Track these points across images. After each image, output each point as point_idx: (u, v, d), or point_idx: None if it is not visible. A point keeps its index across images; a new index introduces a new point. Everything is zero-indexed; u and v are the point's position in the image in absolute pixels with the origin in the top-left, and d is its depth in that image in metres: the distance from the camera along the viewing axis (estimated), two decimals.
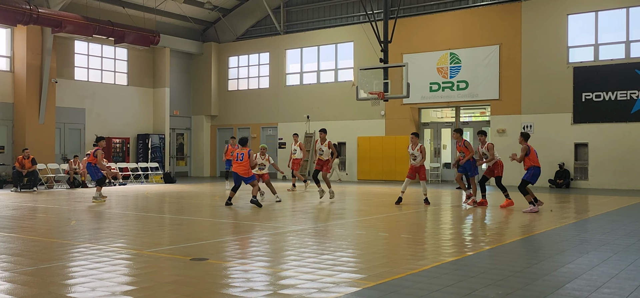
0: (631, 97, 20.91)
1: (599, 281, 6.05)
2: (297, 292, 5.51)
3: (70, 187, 21.52)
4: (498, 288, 5.73)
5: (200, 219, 11.92)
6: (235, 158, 13.87)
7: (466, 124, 25.18)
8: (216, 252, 7.83)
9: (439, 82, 24.46)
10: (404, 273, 6.37)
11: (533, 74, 22.60)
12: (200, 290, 5.61)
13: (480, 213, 12.76)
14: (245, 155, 13.75)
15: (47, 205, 14.75)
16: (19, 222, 11.34)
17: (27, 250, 7.89)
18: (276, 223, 11.11)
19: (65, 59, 25.76)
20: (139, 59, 28.77)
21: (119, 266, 6.78)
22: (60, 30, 22.93)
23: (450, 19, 24.48)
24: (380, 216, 12.50)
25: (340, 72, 27.43)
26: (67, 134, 25.96)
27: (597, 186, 21.33)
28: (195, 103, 31.36)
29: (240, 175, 13.78)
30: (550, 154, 22.18)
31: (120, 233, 9.59)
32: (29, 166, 20.06)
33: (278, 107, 28.94)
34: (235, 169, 13.82)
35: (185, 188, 21.12)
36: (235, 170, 13.83)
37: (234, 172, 13.89)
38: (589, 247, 8.17)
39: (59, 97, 24.99)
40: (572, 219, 11.96)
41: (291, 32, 28.81)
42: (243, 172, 13.76)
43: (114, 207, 14.08)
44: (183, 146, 31.41)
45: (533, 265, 6.89)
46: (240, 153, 13.75)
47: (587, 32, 22.00)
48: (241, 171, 13.75)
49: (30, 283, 5.91)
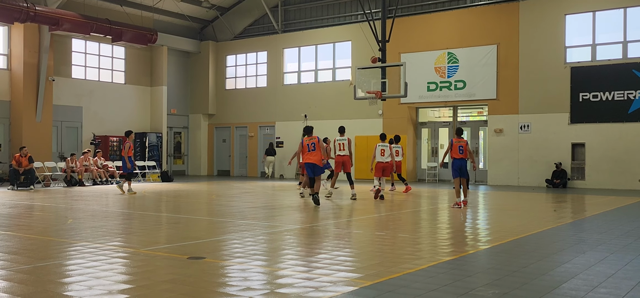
0: (628, 97, 20.95)
1: (596, 281, 6.06)
2: (294, 291, 5.51)
3: (67, 185, 21.48)
4: (495, 287, 5.74)
5: (198, 218, 11.91)
6: (307, 149, 13.61)
7: (464, 124, 25.21)
8: (213, 251, 7.82)
9: (436, 81, 24.48)
10: (400, 272, 6.38)
11: (530, 74, 22.63)
12: (197, 289, 5.60)
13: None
14: (316, 144, 13.58)
15: (44, 203, 14.73)
16: (16, 220, 11.32)
17: (23, 249, 7.88)
18: (273, 221, 11.11)
19: (63, 57, 25.71)
20: (137, 57, 28.74)
21: (115, 264, 6.77)
22: (57, 28, 22.89)
23: (448, 19, 24.50)
24: (377, 215, 12.51)
25: (338, 71, 27.43)
26: (64, 132, 25.92)
27: (594, 186, 21.37)
28: (192, 102, 31.34)
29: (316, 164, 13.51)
30: (548, 154, 22.23)
31: (117, 232, 9.58)
32: (26, 164, 20.02)
33: (276, 106, 28.93)
34: (310, 159, 13.48)
35: (182, 187, 21.10)
36: (310, 160, 13.46)
37: (308, 163, 13.51)
38: (586, 247, 8.19)
39: (56, 95, 24.94)
40: (569, 219, 11.97)
41: (289, 31, 28.81)
42: (317, 160, 13.54)
43: (111, 206, 14.06)
44: (180, 145, 31.38)
45: (530, 264, 6.90)
46: (312, 143, 13.56)
47: (585, 32, 22.04)
48: (316, 160, 13.53)
49: (27, 281, 5.90)
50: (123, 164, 17.73)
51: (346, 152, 16.24)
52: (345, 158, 16.25)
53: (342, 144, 16.28)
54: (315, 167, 13.51)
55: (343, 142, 16.32)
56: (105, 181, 22.54)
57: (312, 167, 13.54)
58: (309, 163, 13.47)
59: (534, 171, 22.50)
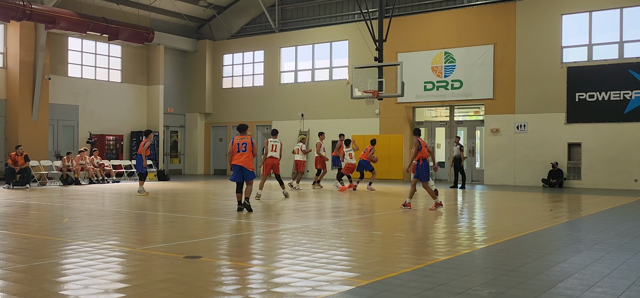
0: (624, 97, 20.99)
1: (592, 280, 6.07)
2: (291, 291, 5.51)
3: (63, 184, 21.44)
4: (491, 287, 5.75)
5: (194, 217, 11.89)
6: (237, 149, 12.11)
7: (460, 123, 25.24)
8: (210, 250, 7.82)
9: (433, 81, 24.50)
10: (397, 271, 6.38)
11: (527, 74, 22.66)
12: (194, 288, 5.60)
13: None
14: (248, 144, 12.12)
15: (40, 202, 14.69)
16: (12, 219, 11.29)
17: (19, 247, 7.86)
18: (270, 221, 11.11)
19: (59, 55, 25.65)
20: (133, 56, 28.69)
21: (112, 263, 6.76)
22: (53, 27, 22.83)
23: (445, 18, 24.52)
24: (374, 214, 12.51)
25: (335, 71, 27.42)
26: (60, 130, 25.86)
27: (590, 186, 21.42)
28: (189, 101, 31.30)
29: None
30: (544, 154, 22.27)
31: (113, 231, 9.57)
32: (22, 163, 19.97)
33: (272, 105, 28.91)
34: (238, 161, 12.05)
35: (179, 186, 21.08)
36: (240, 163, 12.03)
37: (235, 165, 12.09)
38: (582, 246, 8.21)
39: (53, 93, 24.88)
40: (565, 219, 12.00)
41: (286, 30, 28.79)
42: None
43: (107, 205, 14.04)
44: (177, 144, 31.34)
45: (526, 263, 6.91)
46: (243, 143, 12.10)
47: (581, 32, 22.08)
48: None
49: (23, 280, 5.89)
50: (138, 163, 17.53)
51: (278, 154, 16.05)
52: (275, 161, 16.02)
53: (275, 146, 16.07)
54: (243, 170, 12.02)
55: (276, 143, 16.10)
56: (101, 180, 22.51)
57: (240, 170, 12.02)
58: (236, 165, 11.99)
59: (530, 171, 22.54)
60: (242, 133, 12.37)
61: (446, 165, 25.16)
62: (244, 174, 12.06)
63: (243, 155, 12.01)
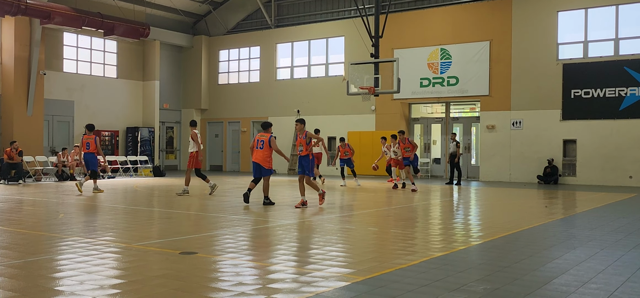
0: (619, 94, 21.06)
1: (586, 276, 6.09)
2: (286, 286, 5.52)
3: (59, 179, 21.38)
4: (486, 283, 5.77)
5: (190, 213, 11.89)
6: (255, 145, 12.60)
7: (456, 120, 25.27)
8: (205, 246, 7.81)
9: (429, 77, 24.52)
10: (393, 268, 6.39)
11: (523, 71, 22.70)
12: (189, 284, 5.59)
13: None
14: (265, 142, 12.50)
15: (35, 198, 14.65)
16: (7, 214, 11.25)
17: (14, 243, 7.84)
18: (265, 217, 11.11)
19: (54, 50, 25.56)
20: (129, 51, 28.61)
21: (107, 259, 6.75)
22: (49, 22, 22.74)
23: (441, 15, 24.54)
24: (370, 211, 12.53)
25: (331, 67, 27.41)
26: (55, 126, 25.78)
27: (585, 182, 21.49)
28: (185, 96, 31.24)
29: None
30: (539, 150, 22.33)
31: (108, 227, 9.55)
32: (17, 159, 19.90)
33: (268, 101, 28.89)
34: (255, 158, 12.45)
35: (174, 182, 21.04)
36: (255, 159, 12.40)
37: (253, 162, 12.52)
38: (577, 243, 8.24)
39: (48, 89, 24.80)
40: (560, 215, 12.04)
41: (282, 26, 28.75)
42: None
43: (103, 200, 14.01)
44: (173, 139, 31.29)
45: (521, 260, 6.93)
46: (261, 140, 12.49)
47: (577, 29, 22.12)
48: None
49: (18, 276, 5.88)
50: (92, 161, 16.28)
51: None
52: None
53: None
54: (260, 167, 12.48)
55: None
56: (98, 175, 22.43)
57: (257, 167, 12.53)
58: (254, 162, 12.53)
59: (526, 167, 22.60)
60: (264, 130, 12.74)
61: (442, 161, 25.20)
62: (261, 171, 12.58)
63: (260, 152, 12.47)
